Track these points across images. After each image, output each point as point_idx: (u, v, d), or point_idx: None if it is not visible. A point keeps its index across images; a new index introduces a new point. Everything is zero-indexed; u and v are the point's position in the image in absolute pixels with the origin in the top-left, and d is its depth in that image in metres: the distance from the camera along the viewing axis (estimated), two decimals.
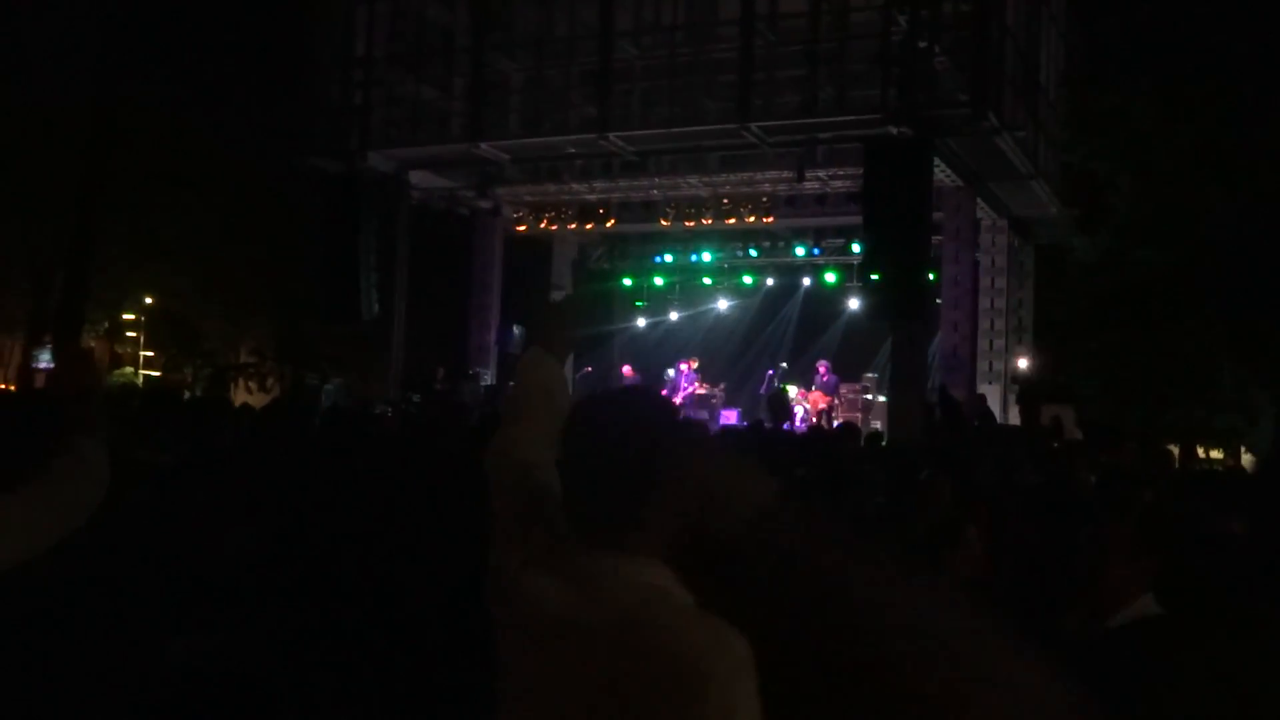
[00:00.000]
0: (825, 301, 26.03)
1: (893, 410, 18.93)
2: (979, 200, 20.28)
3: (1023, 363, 22.60)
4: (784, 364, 24.37)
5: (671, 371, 25.12)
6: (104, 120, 21.94)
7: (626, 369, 25.59)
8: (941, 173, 18.48)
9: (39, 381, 19.61)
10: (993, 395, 20.85)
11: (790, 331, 27.85)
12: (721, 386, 25.72)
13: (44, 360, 20.31)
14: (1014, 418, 21.08)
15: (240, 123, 27.29)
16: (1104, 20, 24.90)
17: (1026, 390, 21.89)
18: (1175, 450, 13.43)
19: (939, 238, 19.75)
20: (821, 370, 23.44)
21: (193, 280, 29.79)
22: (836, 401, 23.19)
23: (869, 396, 22.97)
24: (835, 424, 22.70)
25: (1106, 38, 25.00)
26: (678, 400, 24.17)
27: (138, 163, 25.84)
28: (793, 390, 23.03)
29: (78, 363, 3.09)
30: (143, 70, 24.36)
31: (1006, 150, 18.15)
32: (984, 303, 21.61)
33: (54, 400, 2.94)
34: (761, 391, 23.81)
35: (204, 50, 27.89)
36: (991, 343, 21.73)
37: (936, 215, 18.92)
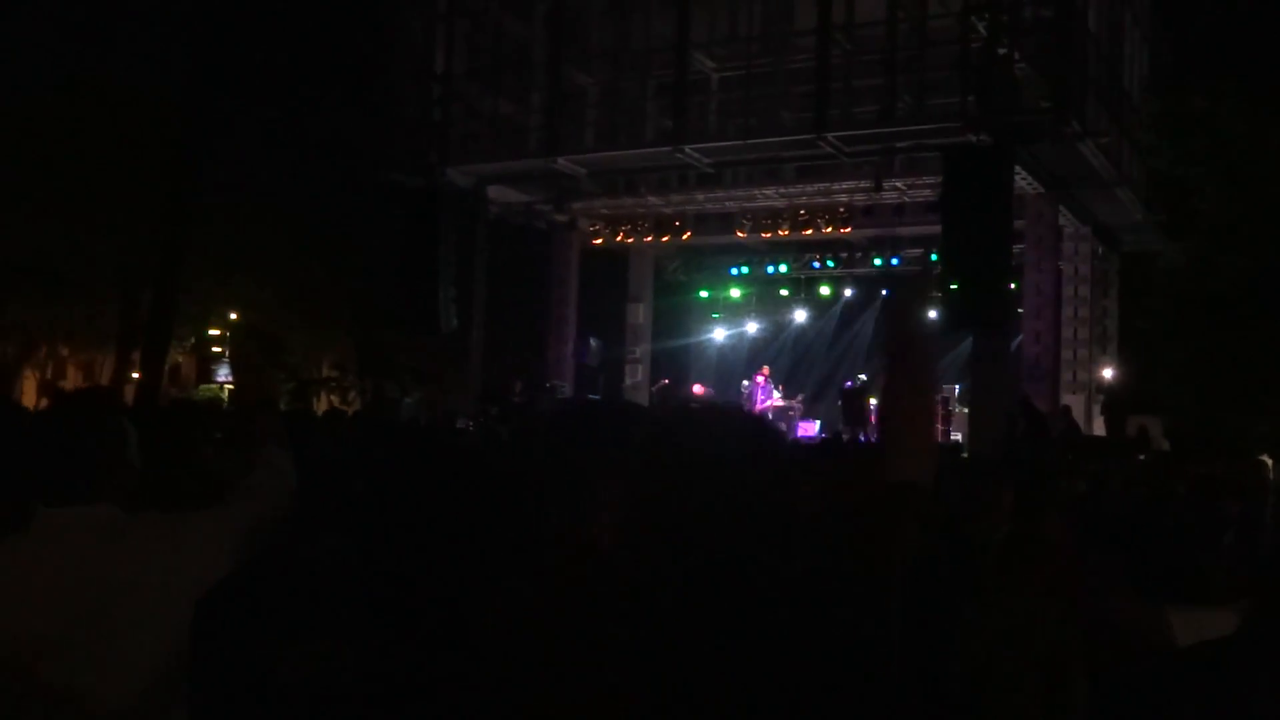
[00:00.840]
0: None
1: (973, 422, 18.81)
2: (1061, 208, 20.07)
3: (1108, 372, 22.32)
4: (863, 375, 24.29)
5: (746, 383, 25.11)
6: (193, 136, 22.40)
7: (697, 388, 25.65)
8: (1022, 180, 18.30)
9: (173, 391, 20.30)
10: (1077, 406, 20.54)
11: (866, 342, 27.63)
12: (799, 398, 25.66)
13: (222, 374, 20.94)
14: (1100, 429, 21.03)
15: (323, 138, 27.80)
16: (1190, 23, 24.60)
17: (1112, 400, 21.59)
18: (1269, 461, 13.12)
19: (1020, 246, 19.50)
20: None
21: (276, 295, 30.32)
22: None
23: (950, 408, 22.69)
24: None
25: (1192, 41, 24.63)
26: (759, 409, 24.20)
27: (224, 179, 26.44)
28: (873, 403, 22.98)
29: (258, 376, 3.27)
30: (230, 87, 24.88)
31: (1089, 156, 17.95)
32: (1067, 311, 21.37)
33: (240, 412, 3.08)
34: (839, 404, 23.68)
35: (287, 67, 28.45)
36: (1075, 352, 21.46)
37: (1018, 223, 18.68)
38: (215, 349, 32.89)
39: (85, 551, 2.67)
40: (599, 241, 23.93)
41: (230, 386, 27.78)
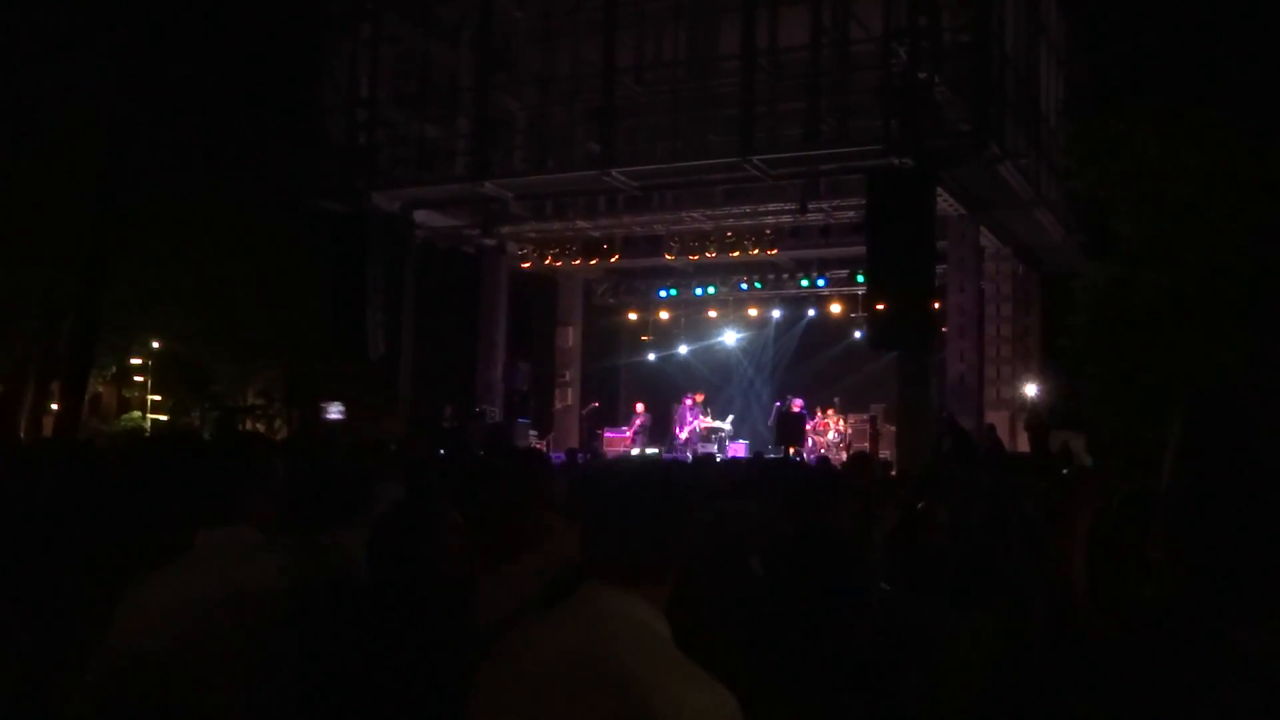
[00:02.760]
0: (830, 332, 26.18)
1: (901, 439, 19.03)
2: (983, 229, 20.30)
3: (1031, 389, 22.61)
4: (790, 396, 24.31)
5: (676, 405, 25.23)
6: (115, 164, 22.08)
7: (639, 406, 25.66)
8: (944, 202, 18.52)
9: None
10: (1001, 423, 20.82)
11: (785, 363, 27.91)
12: (729, 420, 25.85)
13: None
14: (1024, 445, 21.12)
15: (248, 164, 27.46)
16: (1103, 47, 25.01)
17: (1034, 417, 21.85)
18: None
19: (943, 266, 19.78)
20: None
21: (200, 323, 29.85)
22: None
23: (878, 427, 23.06)
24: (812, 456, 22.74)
25: (1106, 65, 25.09)
26: (683, 435, 24.29)
27: (146, 206, 26.00)
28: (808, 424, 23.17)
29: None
30: (153, 111, 24.56)
31: (1008, 178, 18.19)
32: (990, 330, 21.61)
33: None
34: (770, 423, 23.84)
35: (211, 92, 28.11)
36: (999, 370, 21.75)
37: (940, 244, 18.97)
38: (138, 378, 32.31)
39: (228, 567, 3.08)
40: (528, 265, 23.90)
41: (153, 417, 27.31)
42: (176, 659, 2.94)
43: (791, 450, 20.83)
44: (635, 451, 22.33)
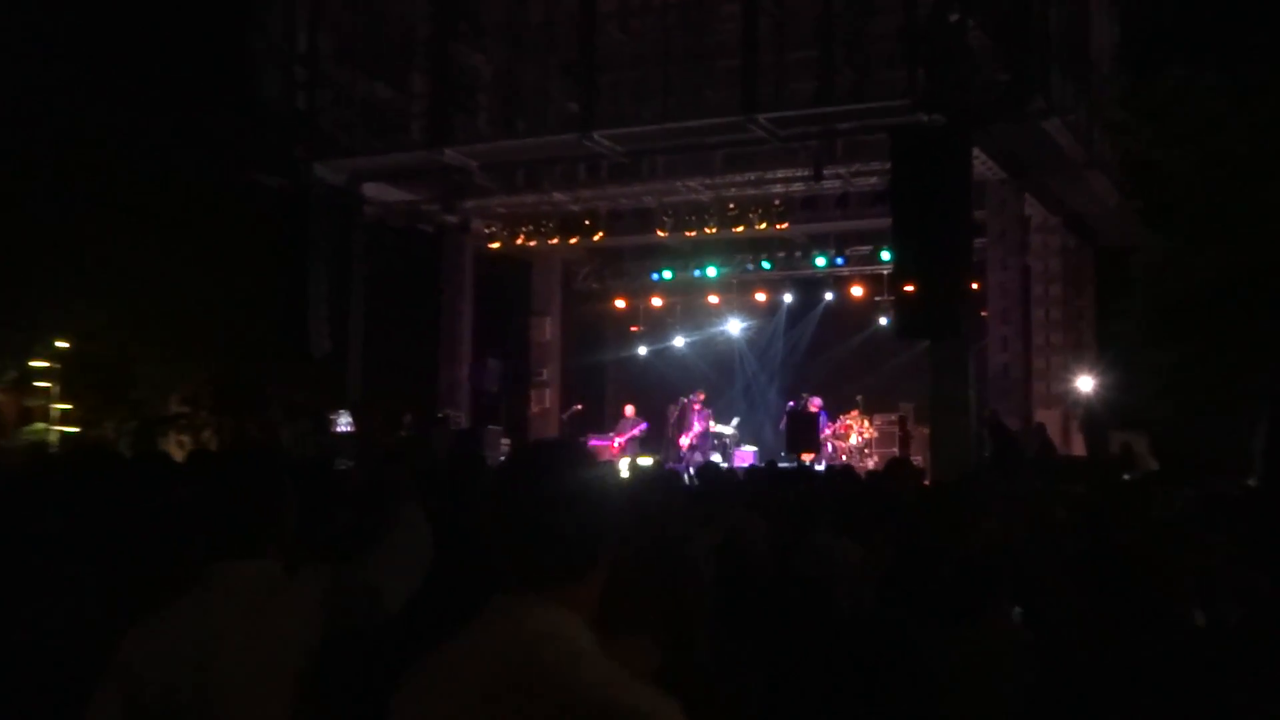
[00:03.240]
0: (851, 319, 26.21)
1: (935, 443, 18.95)
2: (1027, 196, 20.25)
3: (1085, 383, 22.68)
4: (805, 395, 24.39)
5: (675, 407, 25.20)
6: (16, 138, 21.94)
7: (629, 409, 25.74)
8: (982, 165, 18.44)
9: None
10: (1052, 422, 20.79)
11: (800, 355, 28.06)
12: (735, 423, 25.92)
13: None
14: (1079, 448, 21.32)
15: (168, 131, 27.21)
16: None
17: (1090, 415, 21.77)
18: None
19: (982, 240, 19.74)
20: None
21: (115, 317, 29.54)
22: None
23: (908, 428, 23.08)
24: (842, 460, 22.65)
25: (1168, 10, 24.93)
26: (687, 440, 24.33)
27: (53, 186, 25.76)
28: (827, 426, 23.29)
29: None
30: (62, 71, 24.40)
31: (1055, 136, 18.12)
32: (1037, 314, 21.57)
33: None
34: (781, 427, 23.87)
35: (128, 52, 27.81)
36: (1048, 360, 21.71)
37: (978, 214, 19.04)
38: (42, 384, 31.99)
39: (252, 603, 3.22)
40: (496, 246, 23.87)
41: (61, 429, 27.10)
42: (202, 710, 3.06)
43: (808, 457, 20.77)
44: (626, 461, 22.20)
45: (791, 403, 24.20)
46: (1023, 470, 15.60)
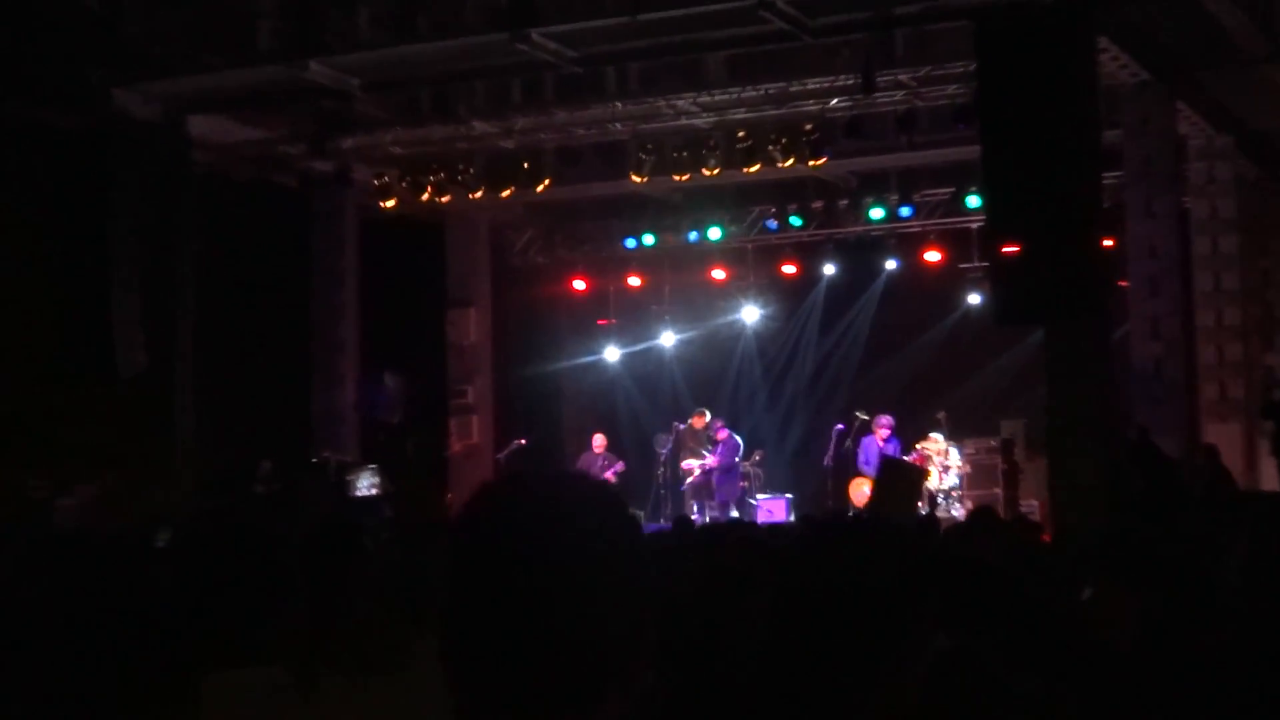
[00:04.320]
0: (924, 299, 26.17)
1: (1056, 479, 18.66)
2: (1181, 106, 20.23)
3: None
4: (862, 414, 24.49)
5: (668, 436, 25.32)
6: None
7: (598, 440, 25.74)
8: (1113, 61, 18.45)
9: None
10: (1230, 440, 20.73)
11: (846, 356, 28.16)
12: (758, 457, 25.86)
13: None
14: (1271, 478, 20.97)
15: None
16: None
17: None
18: None
19: (1114, 174, 19.73)
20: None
21: None
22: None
23: (1014, 457, 23.02)
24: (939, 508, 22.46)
25: None
26: (690, 480, 24.63)
27: None
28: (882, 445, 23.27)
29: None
30: None
31: (1221, 16, 18.05)
32: (1203, 281, 21.69)
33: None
34: (827, 463, 24.06)
35: None
36: (1220, 351, 21.71)
37: (1108, 136, 18.86)
38: None
39: None
40: (391, 204, 23.91)
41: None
42: None
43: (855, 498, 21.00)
44: None
45: (840, 426, 24.44)
46: (1187, 516, 15.25)
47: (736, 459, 25.04)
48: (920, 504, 23.09)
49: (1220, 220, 21.83)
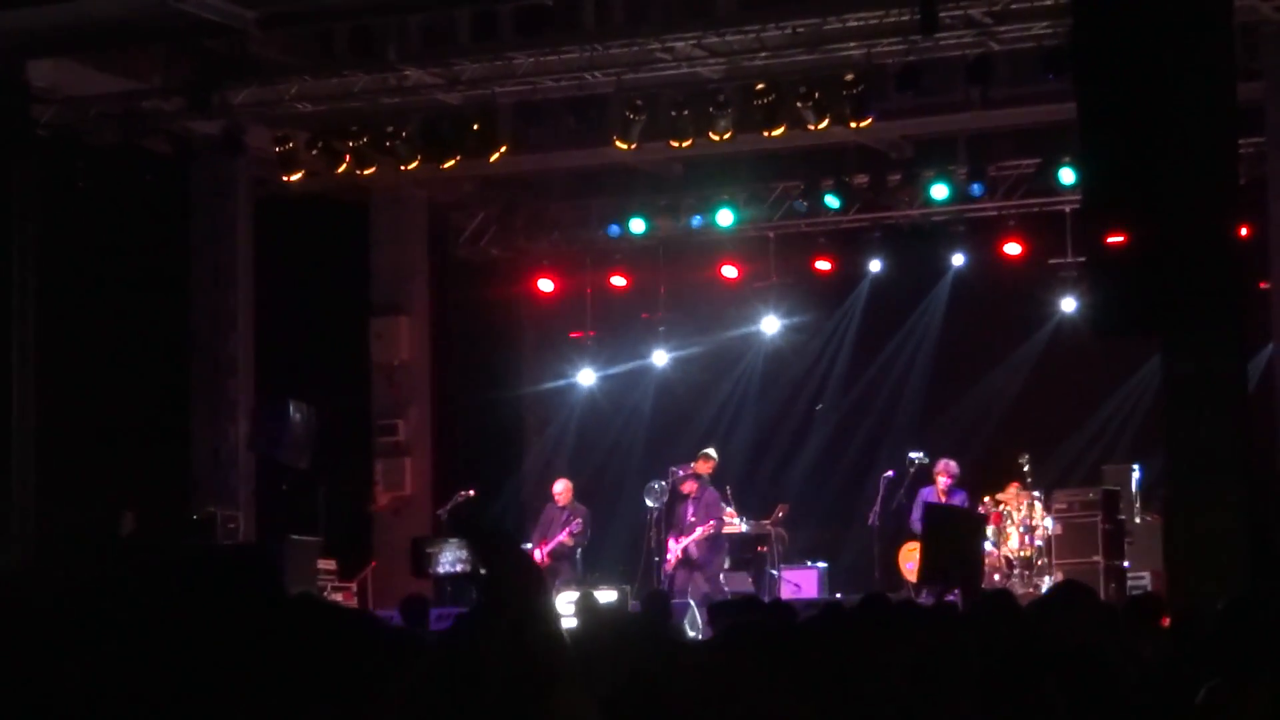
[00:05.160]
0: (1003, 301, 26.24)
1: (1177, 542, 18.38)
2: None
3: None
4: (920, 455, 24.34)
5: (661, 484, 25.01)
6: None
7: (560, 487, 25.56)
8: None
9: None
10: None
11: (914, 376, 27.96)
12: (780, 514, 25.70)
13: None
14: None
15: None
16: None
17: None
18: None
19: (1254, 141, 19.78)
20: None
21: None
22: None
23: (1121, 516, 22.92)
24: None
25: None
26: (678, 547, 24.24)
27: None
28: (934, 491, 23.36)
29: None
30: None
31: None
32: None
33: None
34: (873, 521, 23.94)
35: None
36: None
37: (1246, 90, 18.81)
38: None
39: None
40: (297, 178, 23.97)
41: None
42: None
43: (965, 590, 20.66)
44: (566, 597, 21.79)
45: (891, 471, 24.35)
46: None
47: (713, 520, 24.61)
48: (982, 566, 23.11)
49: None
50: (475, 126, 22.81)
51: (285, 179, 24.13)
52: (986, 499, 24.16)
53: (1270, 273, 19.92)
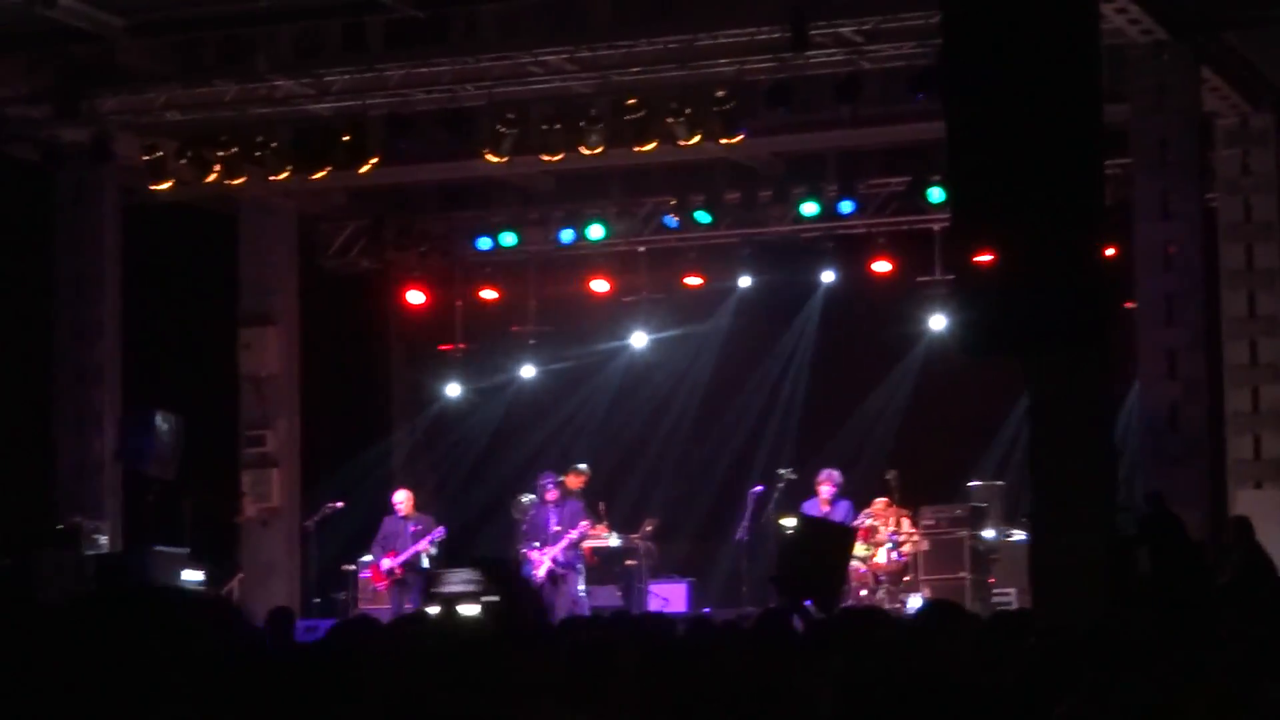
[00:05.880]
0: (870, 319, 26.32)
1: (1041, 562, 18.56)
2: (1205, 72, 20.41)
3: None
4: (789, 470, 24.40)
5: (528, 498, 25.10)
6: None
7: (400, 498, 25.46)
8: (1121, 15, 18.72)
9: None
10: (1267, 511, 20.69)
11: (794, 388, 28.00)
12: (648, 528, 25.72)
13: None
14: None
15: None
16: None
17: None
18: None
19: (1120, 163, 19.97)
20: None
21: None
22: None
23: (983, 534, 23.26)
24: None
25: None
26: (545, 559, 24.10)
27: None
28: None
29: None
30: None
31: None
32: (1233, 304, 21.89)
33: None
34: (740, 536, 23.93)
35: None
36: (1257, 395, 21.95)
37: (1111, 111, 19.10)
38: None
39: None
40: (164, 187, 23.79)
41: None
42: None
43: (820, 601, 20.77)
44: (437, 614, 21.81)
45: (758, 488, 24.41)
46: (1210, 609, 15.76)
47: (575, 529, 24.48)
48: (845, 583, 23.15)
49: (1256, 223, 22.08)
50: (346, 138, 22.74)
51: (153, 188, 24.02)
52: (858, 513, 24.37)
53: (1135, 293, 20.22)
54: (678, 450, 28.93)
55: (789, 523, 22.04)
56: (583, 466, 25.46)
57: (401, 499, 25.34)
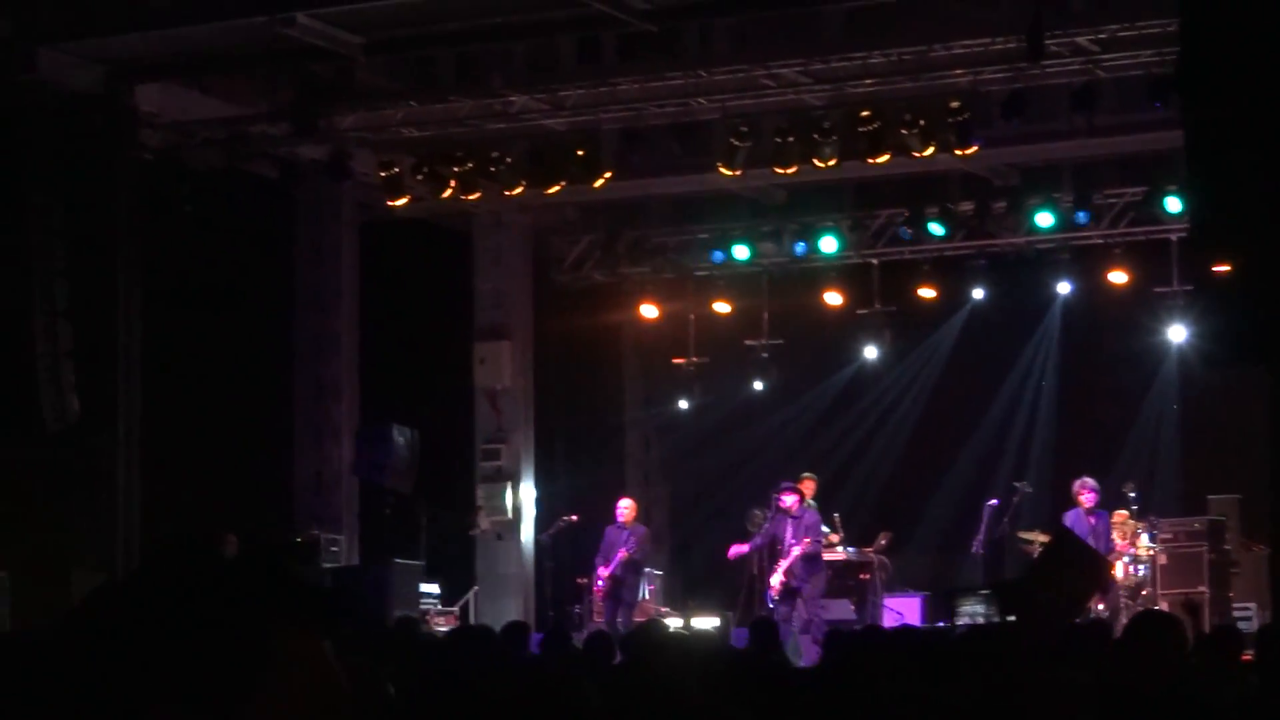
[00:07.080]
0: (1109, 331, 26.14)
1: None
2: None
3: None
4: (1024, 484, 24.37)
5: (761, 512, 24.94)
6: None
7: (624, 505, 25.30)
8: None
9: None
10: None
11: (1045, 399, 27.79)
12: (883, 541, 25.67)
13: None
14: None
15: None
16: None
17: None
18: None
19: None
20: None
21: None
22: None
23: (1225, 548, 22.85)
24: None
25: None
26: (779, 576, 23.91)
27: None
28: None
29: None
30: None
31: None
32: None
33: None
34: (976, 549, 23.87)
35: None
36: None
37: None
38: None
39: None
40: (401, 203, 24.03)
41: None
42: None
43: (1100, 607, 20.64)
44: (671, 624, 21.70)
45: (995, 500, 24.26)
46: None
47: (810, 539, 24.27)
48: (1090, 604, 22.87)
49: None
50: (579, 152, 22.81)
51: (389, 204, 24.20)
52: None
53: None
54: (910, 463, 28.73)
55: (1029, 536, 21.88)
56: (810, 475, 25.37)
57: (625, 506, 25.34)
